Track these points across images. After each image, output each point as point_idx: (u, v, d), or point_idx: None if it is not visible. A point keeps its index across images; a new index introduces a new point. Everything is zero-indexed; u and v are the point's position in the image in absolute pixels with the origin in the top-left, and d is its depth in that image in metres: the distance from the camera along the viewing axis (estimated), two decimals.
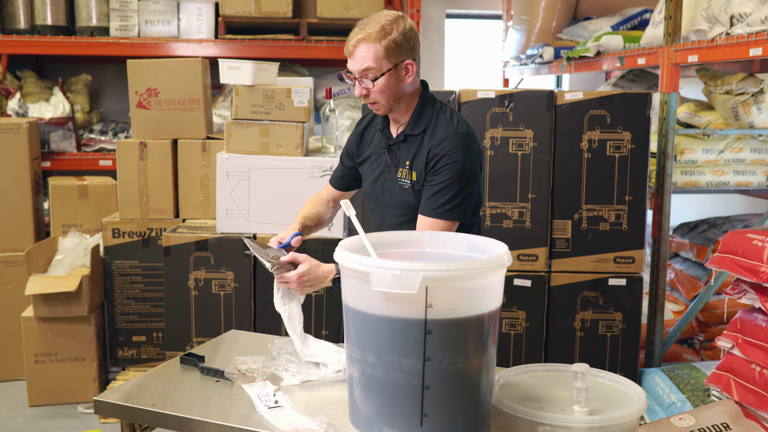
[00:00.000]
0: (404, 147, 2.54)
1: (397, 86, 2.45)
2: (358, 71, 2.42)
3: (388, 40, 2.39)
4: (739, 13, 3.55)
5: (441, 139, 2.44)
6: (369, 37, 2.39)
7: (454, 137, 2.44)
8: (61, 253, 4.50)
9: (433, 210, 2.42)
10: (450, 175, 2.41)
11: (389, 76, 2.42)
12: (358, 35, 2.41)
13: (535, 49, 5.66)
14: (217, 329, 3.94)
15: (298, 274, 2.37)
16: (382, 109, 2.50)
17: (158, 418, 2.11)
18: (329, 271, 2.41)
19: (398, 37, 2.40)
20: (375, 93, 2.45)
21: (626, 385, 2.03)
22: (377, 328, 1.81)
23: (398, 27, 2.41)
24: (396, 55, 2.41)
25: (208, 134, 4.43)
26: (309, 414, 2.01)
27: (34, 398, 4.25)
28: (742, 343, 2.77)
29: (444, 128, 2.47)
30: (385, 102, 2.47)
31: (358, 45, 2.40)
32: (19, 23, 5.30)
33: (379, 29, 2.39)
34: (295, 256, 2.40)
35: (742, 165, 4.27)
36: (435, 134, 2.47)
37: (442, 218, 2.41)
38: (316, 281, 2.40)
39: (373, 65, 2.40)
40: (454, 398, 1.82)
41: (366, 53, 2.39)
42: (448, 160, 2.42)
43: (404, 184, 2.53)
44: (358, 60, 2.41)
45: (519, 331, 3.94)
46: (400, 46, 2.41)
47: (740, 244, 2.78)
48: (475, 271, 1.76)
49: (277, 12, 5.12)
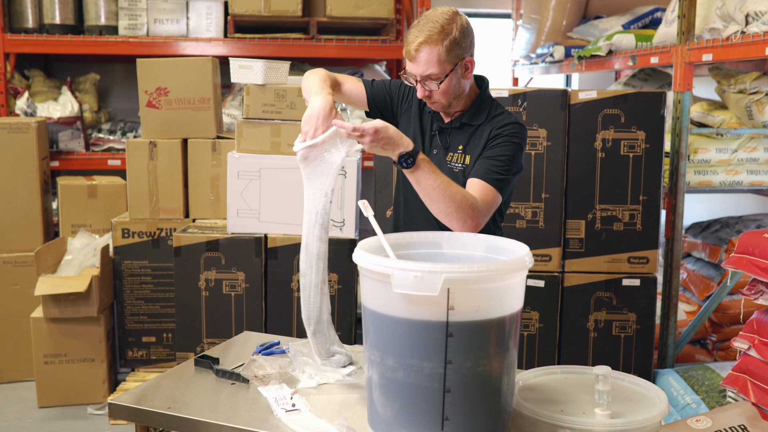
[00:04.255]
0: (457, 132, 2.53)
1: (458, 85, 2.44)
2: (420, 75, 2.39)
3: (449, 40, 2.35)
4: (755, 12, 3.52)
5: (505, 123, 2.46)
6: (431, 40, 2.34)
7: (518, 125, 2.48)
8: (70, 254, 4.49)
9: (487, 175, 2.38)
10: (510, 151, 2.42)
11: (452, 77, 2.40)
12: (418, 38, 2.35)
13: (546, 48, 5.63)
14: (228, 330, 3.92)
15: (374, 128, 2.19)
16: (441, 108, 2.51)
17: (173, 422, 2.09)
18: (406, 143, 2.23)
19: (458, 35, 2.37)
20: (438, 95, 2.43)
21: (647, 388, 2.00)
22: (397, 331, 1.78)
23: (457, 24, 2.38)
24: (457, 54, 2.38)
25: (218, 134, 4.41)
26: (327, 417, 1.98)
27: (44, 399, 4.24)
28: (759, 344, 2.75)
29: (507, 116, 2.50)
30: (446, 101, 2.47)
31: (420, 49, 2.36)
32: (28, 22, 5.29)
33: (439, 30, 2.34)
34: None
35: (756, 164, 4.24)
36: (497, 120, 2.48)
37: (493, 185, 2.37)
38: (390, 143, 2.21)
39: (436, 70, 2.37)
40: (476, 401, 1.79)
41: (429, 57, 2.35)
42: (510, 139, 2.43)
43: (454, 168, 2.50)
44: (421, 64, 2.37)
45: (532, 332, 3.91)
46: (460, 45, 2.38)
47: (757, 244, 2.76)
48: (498, 273, 1.74)
49: (286, 11, 5.10)
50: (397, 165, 2.24)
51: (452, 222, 2.28)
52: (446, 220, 2.29)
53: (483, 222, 2.32)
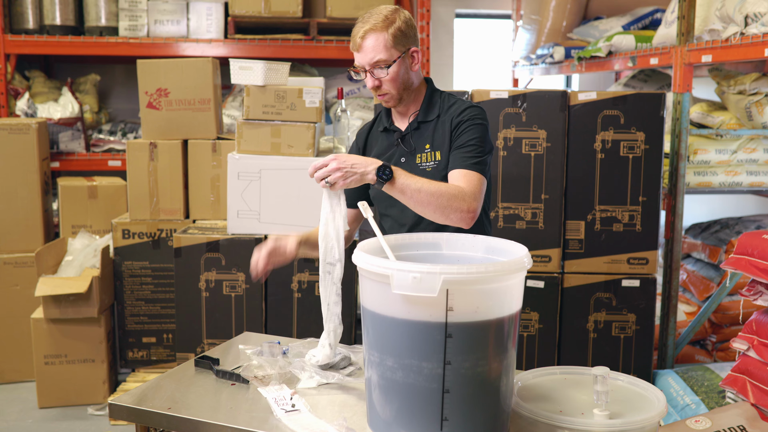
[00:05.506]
0: (417, 134, 2.56)
1: (406, 74, 2.50)
2: (369, 62, 2.45)
3: (394, 28, 2.44)
4: (754, 13, 3.52)
5: (462, 110, 2.50)
6: (376, 27, 2.43)
7: (475, 108, 2.51)
8: (70, 254, 4.49)
9: (466, 162, 2.40)
10: (477, 133, 2.45)
11: (399, 64, 2.46)
12: (363, 27, 2.45)
13: (546, 48, 5.63)
14: (228, 331, 3.93)
15: (333, 156, 2.22)
16: (393, 101, 2.53)
17: (173, 422, 2.09)
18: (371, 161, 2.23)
19: (402, 25, 2.46)
20: (387, 83, 2.47)
21: (645, 388, 2.00)
22: (397, 332, 1.79)
23: (400, 16, 2.47)
24: (403, 43, 2.46)
25: (218, 134, 4.42)
26: (327, 418, 1.99)
27: (44, 400, 4.24)
28: (758, 345, 2.75)
29: (461, 103, 2.53)
30: (396, 92, 2.50)
31: (366, 36, 2.44)
32: (28, 23, 5.30)
33: (383, 19, 2.44)
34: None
35: (755, 165, 4.24)
36: (453, 109, 2.51)
37: (474, 170, 2.39)
38: (358, 164, 2.21)
39: (384, 55, 2.44)
40: (475, 402, 1.80)
41: (376, 43, 2.43)
42: (473, 123, 2.47)
43: (426, 167, 2.51)
44: (368, 51, 2.44)
45: (532, 333, 3.92)
46: (406, 34, 2.47)
47: (756, 245, 2.76)
48: (497, 274, 1.75)
49: (286, 12, 5.11)
50: (378, 183, 2.24)
51: (450, 215, 2.29)
52: (444, 215, 2.29)
53: (478, 207, 2.33)
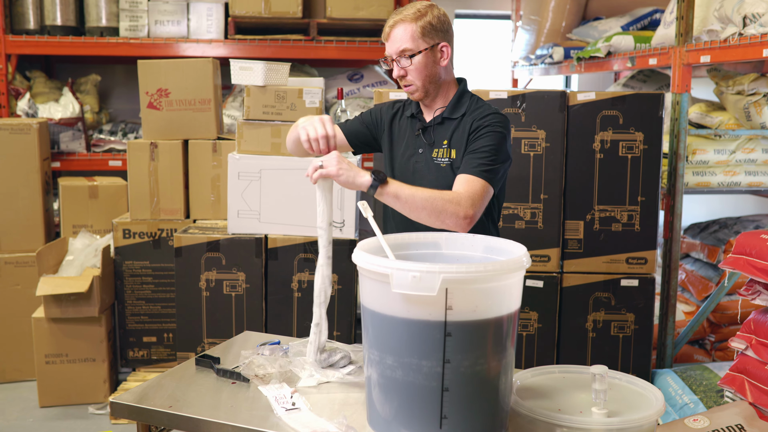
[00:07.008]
0: (440, 129, 2.58)
1: (433, 68, 2.53)
2: (395, 51, 2.52)
3: (423, 20, 2.49)
4: (753, 14, 3.54)
5: (485, 114, 2.52)
6: (405, 18, 2.50)
7: (498, 115, 2.53)
8: (71, 254, 4.50)
9: (473, 168, 2.42)
10: (493, 141, 2.46)
11: (425, 56, 2.50)
12: (394, 18, 2.52)
13: (545, 49, 5.64)
14: (228, 330, 3.94)
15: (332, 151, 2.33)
16: (418, 93, 2.56)
17: (174, 420, 2.10)
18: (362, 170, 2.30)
19: (433, 19, 2.51)
20: (412, 73, 2.52)
21: (643, 387, 2.02)
22: (396, 330, 1.80)
23: (432, 11, 2.52)
24: (431, 36, 2.51)
25: (218, 135, 4.43)
26: (327, 416, 2.00)
27: (45, 399, 4.25)
28: (756, 345, 2.76)
29: (487, 108, 2.55)
30: (421, 84, 2.54)
31: (395, 26, 2.51)
32: (29, 23, 5.31)
33: (414, 11, 2.50)
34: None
35: (754, 165, 4.25)
36: (477, 112, 2.53)
37: (480, 176, 2.40)
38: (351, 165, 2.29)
39: (410, 45, 2.49)
40: (474, 400, 1.81)
41: (403, 33, 2.49)
42: (492, 129, 2.48)
43: (441, 163, 2.54)
44: (395, 41, 2.51)
45: (531, 332, 3.93)
46: (435, 28, 2.51)
47: (754, 245, 2.78)
48: (496, 273, 1.76)
49: (287, 12, 5.12)
50: (372, 186, 2.28)
51: (445, 220, 2.30)
52: (439, 219, 2.30)
53: (477, 213, 2.34)
